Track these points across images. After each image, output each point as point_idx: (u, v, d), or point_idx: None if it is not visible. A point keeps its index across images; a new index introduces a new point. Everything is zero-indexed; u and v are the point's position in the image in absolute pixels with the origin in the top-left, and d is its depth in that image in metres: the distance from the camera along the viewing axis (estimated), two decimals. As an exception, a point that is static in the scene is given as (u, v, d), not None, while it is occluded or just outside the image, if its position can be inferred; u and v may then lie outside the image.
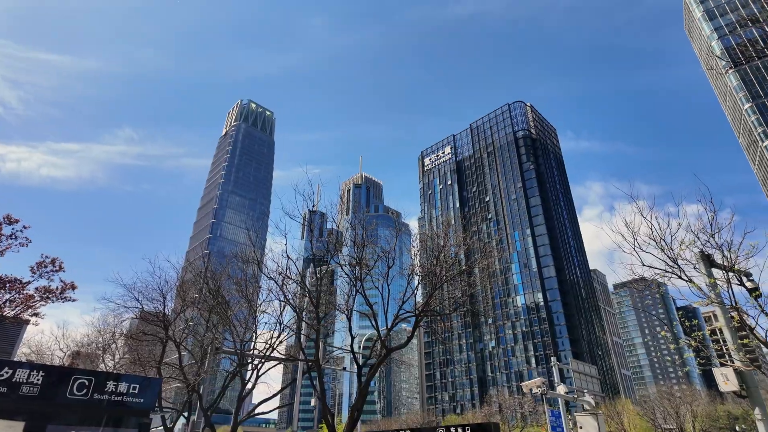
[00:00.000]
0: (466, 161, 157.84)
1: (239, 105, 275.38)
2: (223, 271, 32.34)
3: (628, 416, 50.06)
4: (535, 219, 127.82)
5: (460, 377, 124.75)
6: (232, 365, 34.45)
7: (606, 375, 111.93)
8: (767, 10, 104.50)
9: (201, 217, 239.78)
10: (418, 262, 25.57)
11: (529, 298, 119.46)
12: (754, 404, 10.00)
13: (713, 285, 11.70)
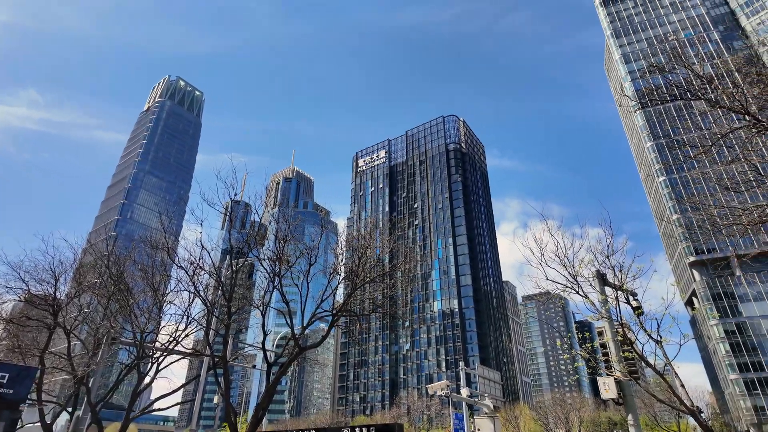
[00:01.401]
0: (399, 167, 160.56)
1: (166, 81, 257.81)
2: (129, 255, 29.90)
3: (524, 420, 53.68)
4: (458, 229, 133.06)
5: (373, 378, 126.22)
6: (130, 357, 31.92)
7: (508, 381, 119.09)
8: (671, 61, 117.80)
9: (110, 195, 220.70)
10: (341, 261, 25.44)
11: (446, 304, 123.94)
12: (628, 411, 11.09)
13: (604, 301, 12.84)
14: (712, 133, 12.66)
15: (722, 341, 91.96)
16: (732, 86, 11.82)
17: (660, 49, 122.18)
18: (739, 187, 14.06)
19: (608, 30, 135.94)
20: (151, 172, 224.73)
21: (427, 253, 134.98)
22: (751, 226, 12.63)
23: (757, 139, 12.20)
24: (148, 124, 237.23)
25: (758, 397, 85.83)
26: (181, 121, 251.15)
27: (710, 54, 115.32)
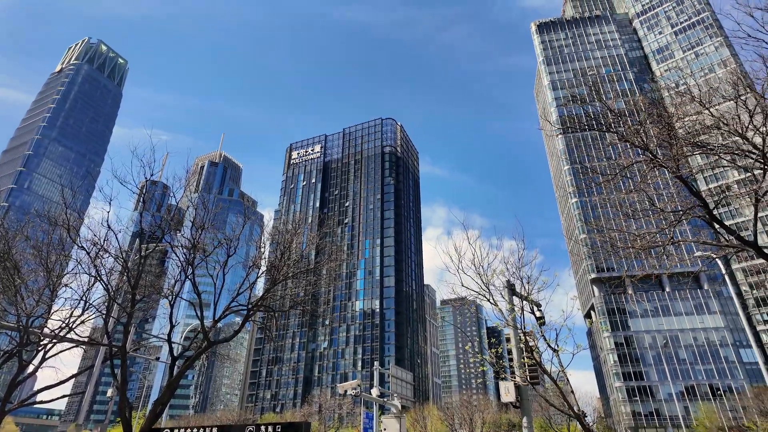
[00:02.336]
0: (333, 163, 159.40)
1: (85, 43, 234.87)
2: (21, 230, 26.70)
3: (431, 420, 55.62)
4: (386, 231, 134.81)
5: (287, 376, 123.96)
6: (11, 343, 28.49)
7: (420, 382, 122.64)
8: (591, 94, 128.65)
9: (5, 161, 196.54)
10: (263, 254, 24.67)
11: (368, 304, 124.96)
12: (523, 414, 11.85)
13: (511, 310, 13.61)
14: (617, 164, 13.93)
15: (612, 352, 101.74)
16: (638, 123, 13.05)
17: (583, 81, 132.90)
18: (636, 214, 15.46)
19: (540, 57, 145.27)
20: (59, 140, 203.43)
21: (354, 252, 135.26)
22: (641, 250, 14.04)
23: (654, 173, 13.53)
24: (60, 87, 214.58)
25: (636, 403, 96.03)
26: (98, 89, 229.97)
27: (624, 92, 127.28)
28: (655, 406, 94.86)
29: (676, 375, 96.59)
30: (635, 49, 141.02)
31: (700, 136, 13.85)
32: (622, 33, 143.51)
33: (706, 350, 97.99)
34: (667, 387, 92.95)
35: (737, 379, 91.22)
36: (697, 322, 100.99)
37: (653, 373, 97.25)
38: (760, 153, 11.90)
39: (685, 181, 11.59)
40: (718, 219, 11.75)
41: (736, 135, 12.49)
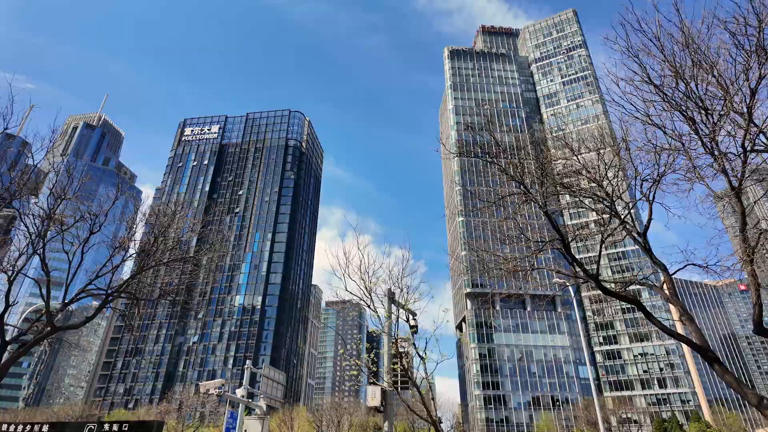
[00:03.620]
0: (231, 147, 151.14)
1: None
2: None
3: (299, 422, 55.06)
4: (280, 226, 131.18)
5: (147, 370, 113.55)
6: None
7: (294, 382, 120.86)
8: (487, 124, 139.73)
9: None
10: (134, 235, 22.43)
11: (249, 300, 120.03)
12: (385, 419, 12.30)
13: (388, 317, 14.10)
14: (496, 192, 15.29)
15: (476, 362, 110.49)
16: (518, 159, 14.43)
17: (482, 111, 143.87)
18: (508, 240, 16.88)
19: (449, 81, 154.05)
20: None
21: (241, 244, 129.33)
22: (508, 272, 15.50)
23: (526, 205, 15.02)
24: None
25: (491, 410, 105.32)
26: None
27: (516, 127, 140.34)
28: (506, 413, 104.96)
29: (526, 386, 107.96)
30: (530, 91, 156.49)
31: (568, 178, 15.79)
32: (521, 74, 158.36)
33: (553, 365, 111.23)
34: (518, 397, 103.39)
35: (574, 392, 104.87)
36: (548, 340, 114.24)
37: (508, 384, 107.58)
38: (609, 200, 13.93)
39: (549, 216, 13.06)
40: (570, 252, 13.43)
41: (594, 182, 14.45)
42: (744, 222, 10.57)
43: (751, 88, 10.16)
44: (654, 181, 13.56)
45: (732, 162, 10.86)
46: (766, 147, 10.88)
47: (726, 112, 10.73)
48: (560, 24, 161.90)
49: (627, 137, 15.56)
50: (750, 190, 16.17)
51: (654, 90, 11.42)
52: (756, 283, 10.13)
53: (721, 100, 10.73)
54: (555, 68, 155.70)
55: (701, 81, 10.93)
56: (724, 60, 10.90)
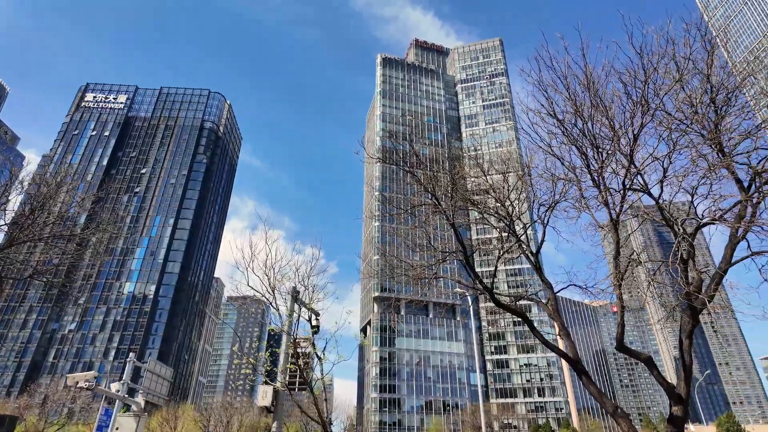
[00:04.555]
0: (139, 121, 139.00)
1: None
2: None
3: (184, 421, 51.68)
4: (184, 212, 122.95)
5: (7, 358, 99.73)
6: None
7: (183, 379, 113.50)
8: (412, 134, 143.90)
9: None
10: (7, 204, 19.68)
11: (140, 288, 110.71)
12: (275, 419, 11.99)
13: (289, 315, 13.81)
14: (410, 201, 15.76)
15: (376, 365, 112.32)
16: (432, 172, 14.97)
17: (408, 122, 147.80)
18: (417, 248, 17.35)
19: (379, 87, 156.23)
20: None
21: (138, 227, 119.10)
22: (414, 279, 15.95)
23: (436, 216, 15.62)
24: None
25: (385, 413, 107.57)
26: None
27: (437, 142, 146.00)
28: (399, 416, 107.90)
29: (421, 391, 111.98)
30: (453, 109, 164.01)
31: (478, 195, 16.67)
32: (447, 92, 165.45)
33: (447, 371, 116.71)
34: (412, 400, 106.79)
35: (464, 398, 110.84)
36: (446, 347, 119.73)
37: (404, 388, 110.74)
38: (509, 220, 14.97)
39: (455, 228, 13.70)
40: (470, 264, 14.20)
41: (498, 202, 15.43)
42: (618, 251, 11.95)
43: (635, 133, 11.56)
44: (549, 207, 14.84)
45: (613, 196, 12.25)
46: (642, 187, 12.42)
47: (613, 151, 12.09)
48: (486, 50, 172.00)
49: (530, 164, 16.92)
50: (628, 223, 18.20)
51: (557, 123, 12.53)
52: (621, 306, 11.50)
53: (610, 140, 12.07)
54: (478, 91, 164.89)
55: (596, 121, 12.21)
56: (617, 106, 12.31)
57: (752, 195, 10.70)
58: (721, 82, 11.35)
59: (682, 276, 11.16)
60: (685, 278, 11.13)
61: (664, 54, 11.04)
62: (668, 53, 11.04)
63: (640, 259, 13.70)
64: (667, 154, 11.47)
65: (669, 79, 11.23)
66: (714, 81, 11.22)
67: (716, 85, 11.22)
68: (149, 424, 51.99)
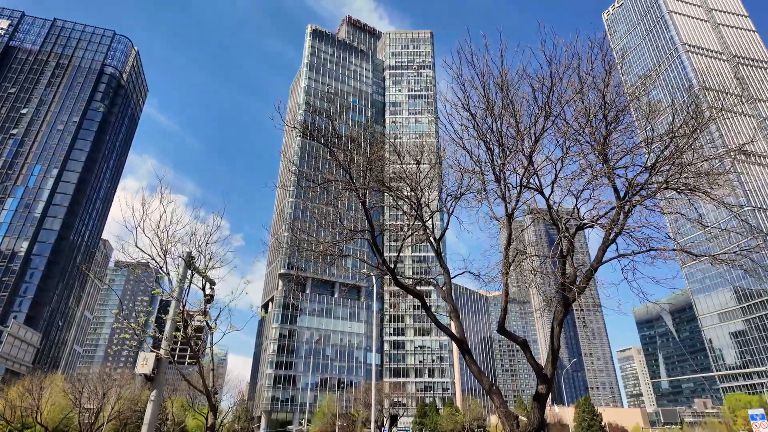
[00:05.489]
0: (23, 54, 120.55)
1: None
2: None
3: (51, 392, 46.86)
4: (71, 163, 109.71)
5: None
6: None
7: (54, 347, 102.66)
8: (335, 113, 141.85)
9: None
10: None
11: (9, 243, 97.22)
12: (155, 387, 11.30)
13: (180, 281, 13.01)
14: (323, 177, 15.52)
15: (274, 342, 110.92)
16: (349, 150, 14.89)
17: (333, 99, 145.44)
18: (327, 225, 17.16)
19: (306, 59, 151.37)
20: None
21: (12, 174, 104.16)
22: (319, 256, 15.81)
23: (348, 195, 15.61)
24: None
25: (279, 389, 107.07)
26: None
27: (360, 124, 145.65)
28: (293, 393, 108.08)
29: (317, 368, 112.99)
30: (379, 94, 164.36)
31: (394, 182, 16.88)
32: (375, 76, 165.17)
33: (346, 350, 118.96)
34: (308, 378, 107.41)
35: (359, 376, 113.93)
36: (347, 327, 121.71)
37: (301, 365, 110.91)
38: (418, 206, 15.46)
39: (365, 208, 13.81)
40: (376, 244, 14.46)
41: (410, 188, 15.83)
42: (509, 242, 12.92)
43: (536, 136, 12.49)
44: (455, 197, 15.59)
45: (511, 192, 13.18)
46: (536, 187, 13.49)
47: (516, 151, 12.96)
48: (417, 41, 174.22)
49: (443, 154, 17.57)
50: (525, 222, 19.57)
51: (469, 117, 13.09)
52: (506, 291, 12.52)
53: (514, 140, 12.91)
54: (405, 80, 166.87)
55: (505, 121, 12.97)
56: (525, 109, 13.17)
57: (625, 203, 12.15)
58: (614, 101, 12.65)
59: (560, 269, 12.39)
60: (563, 272, 12.39)
61: (569, 66, 11.98)
62: (573, 66, 12.01)
63: (526, 252, 14.95)
64: (560, 158, 12.56)
65: (571, 90, 12.25)
66: (608, 99, 12.47)
67: (609, 102, 12.47)
68: (7, 395, 46.34)
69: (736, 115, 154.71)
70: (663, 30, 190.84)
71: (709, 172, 11.97)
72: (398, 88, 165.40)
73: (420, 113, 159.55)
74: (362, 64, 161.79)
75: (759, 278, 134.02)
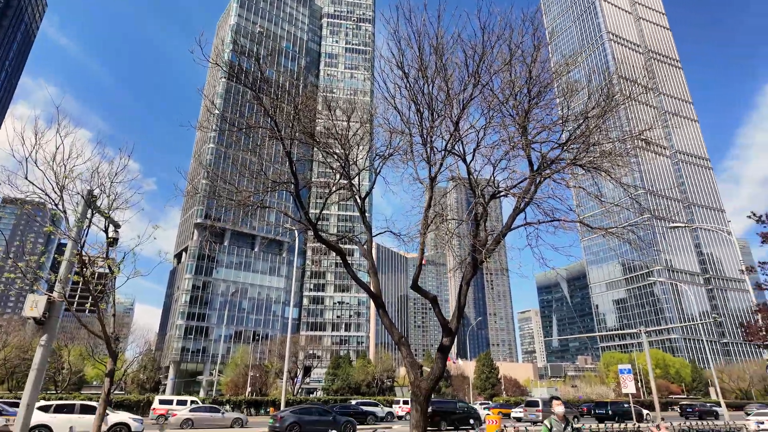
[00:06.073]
0: None
1: None
2: None
3: None
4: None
5: None
6: None
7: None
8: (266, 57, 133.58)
9: None
10: None
11: None
12: (45, 332, 10.48)
13: (80, 220, 11.95)
14: (246, 122, 14.77)
15: (187, 293, 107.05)
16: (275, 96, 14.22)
17: (264, 42, 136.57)
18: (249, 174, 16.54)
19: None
20: None
21: None
22: (238, 205, 15.16)
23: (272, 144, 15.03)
24: None
25: (190, 340, 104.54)
26: None
27: (292, 72, 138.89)
28: (205, 344, 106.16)
29: (232, 321, 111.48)
30: (315, 42, 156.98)
31: (325, 139, 16.42)
32: (312, 23, 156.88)
33: (264, 304, 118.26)
34: (221, 330, 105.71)
35: (276, 329, 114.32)
36: (266, 281, 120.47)
37: (215, 317, 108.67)
38: (346, 162, 15.33)
39: (290, 158, 13.43)
40: (299, 197, 14.23)
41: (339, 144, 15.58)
42: (429, 204, 13.37)
43: (464, 102, 12.77)
44: (383, 157, 15.66)
45: (436, 156, 13.50)
46: (459, 154, 13.92)
47: (444, 116, 13.19)
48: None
49: (374, 112, 17.43)
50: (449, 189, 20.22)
51: (402, 76, 13.01)
52: (422, 250, 13.07)
53: (444, 104, 13.10)
54: (343, 32, 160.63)
55: (436, 85, 13.06)
56: (456, 74, 13.33)
57: (537, 175, 12.98)
58: (538, 77, 13.20)
59: (473, 232, 13.13)
60: (475, 235, 13.14)
61: (501, 36, 12.20)
62: (505, 37, 12.25)
63: (445, 215, 15.59)
64: (483, 127, 13.02)
65: (500, 61, 12.56)
66: (534, 74, 12.96)
67: (534, 77, 12.99)
68: None
69: (642, 104, 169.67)
70: (592, 16, 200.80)
71: (612, 153, 13.07)
72: (335, 38, 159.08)
73: (356, 68, 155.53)
74: (299, 8, 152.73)
75: (640, 252, 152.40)
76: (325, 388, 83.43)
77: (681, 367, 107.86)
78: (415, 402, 12.42)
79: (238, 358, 76.07)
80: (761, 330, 15.56)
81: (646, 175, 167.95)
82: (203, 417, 30.01)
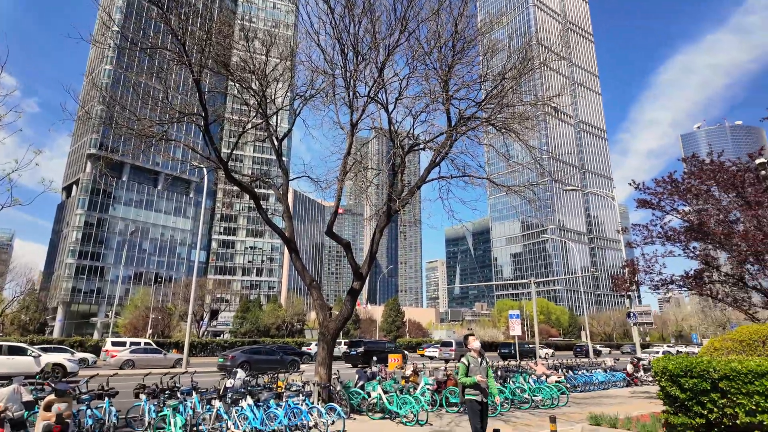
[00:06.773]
0: None
1: None
2: None
3: None
4: None
5: None
6: None
7: None
8: None
9: None
10: None
11: None
12: None
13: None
14: (150, 43, 13.14)
15: (78, 230, 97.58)
16: (184, 18, 12.77)
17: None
18: (153, 102, 15.07)
19: None
20: None
21: None
22: (137, 136, 13.73)
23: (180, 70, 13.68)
24: None
25: (82, 281, 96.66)
26: None
27: None
28: (100, 285, 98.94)
29: (132, 261, 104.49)
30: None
31: (241, 72, 15.13)
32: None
33: (167, 245, 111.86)
34: (119, 270, 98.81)
35: (180, 272, 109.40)
36: (171, 221, 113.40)
37: (112, 257, 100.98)
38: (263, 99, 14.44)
39: (199, 88, 12.31)
40: (209, 132, 13.27)
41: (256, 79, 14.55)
42: (348, 151, 13.25)
43: (389, 48, 12.51)
44: (304, 98, 15.01)
45: (358, 101, 13.25)
46: (382, 102, 13.79)
47: (368, 60, 12.86)
48: None
49: (296, 48, 16.47)
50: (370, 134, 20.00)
51: (328, 12, 12.32)
52: (338, 196, 13.05)
53: (369, 48, 12.74)
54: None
55: (363, 26, 12.58)
56: (384, 18, 12.92)
57: (453, 131, 13.35)
58: (464, 32, 13.25)
59: (389, 182, 13.35)
60: (391, 185, 13.38)
61: (432, -17, 11.96)
62: (436, -16, 12.03)
63: (364, 163, 15.61)
64: (407, 76, 12.96)
65: (428, 9, 12.38)
66: (459, 28, 12.98)
67: (460, 31, 13.02)
68: None
69: (554, 72, 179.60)
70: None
71: (523, 115, 13.77)
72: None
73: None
74: None
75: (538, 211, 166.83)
76: (233, 330, 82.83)
77: (561, 314, 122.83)
78: (323, 341, 12.84)
79: (138, 300, 72.22)
80: (626, 282, 18.13)
81: (550, 140, 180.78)
82: (144, 358, 30.31)
